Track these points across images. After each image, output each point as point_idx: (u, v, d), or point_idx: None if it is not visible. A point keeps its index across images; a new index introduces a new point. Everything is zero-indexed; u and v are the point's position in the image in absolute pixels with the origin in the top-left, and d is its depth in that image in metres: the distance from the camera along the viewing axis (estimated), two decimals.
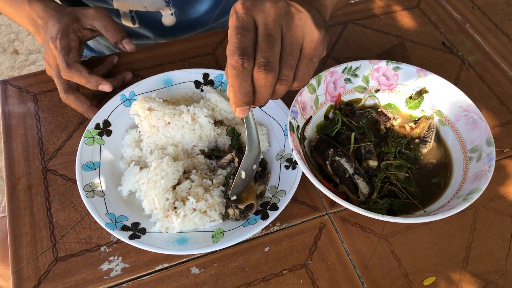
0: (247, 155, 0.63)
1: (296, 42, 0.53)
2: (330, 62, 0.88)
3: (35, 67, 2.20)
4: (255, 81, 0.52)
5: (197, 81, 0.80)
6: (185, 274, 0.64)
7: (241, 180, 0.65)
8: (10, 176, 0.72)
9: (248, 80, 0.52)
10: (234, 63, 0.50)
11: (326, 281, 0.63)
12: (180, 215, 0.64)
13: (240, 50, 0.50)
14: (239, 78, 0.51)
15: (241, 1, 0.52)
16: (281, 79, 0.53)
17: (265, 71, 0.51)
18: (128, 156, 0.72)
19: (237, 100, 0.53)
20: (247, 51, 0.51)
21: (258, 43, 0.51)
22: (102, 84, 0.74)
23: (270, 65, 0.51)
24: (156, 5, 0.94)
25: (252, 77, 0.52)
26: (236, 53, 0.50)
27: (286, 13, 0.52)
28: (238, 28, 0.51)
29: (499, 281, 0.64)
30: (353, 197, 0.66)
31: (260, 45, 0.51)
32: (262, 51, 0.51)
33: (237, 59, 0.50)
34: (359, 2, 1.00)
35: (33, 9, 0.80)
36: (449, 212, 0.58)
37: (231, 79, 0.52)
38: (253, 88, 0.53)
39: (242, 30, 0.51)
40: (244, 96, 0.53)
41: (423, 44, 0.93)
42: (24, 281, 0.62)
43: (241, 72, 0.51)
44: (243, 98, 0.53)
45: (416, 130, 0.74)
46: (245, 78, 0.51)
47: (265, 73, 0.51)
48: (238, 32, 0.51)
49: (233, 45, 0.51)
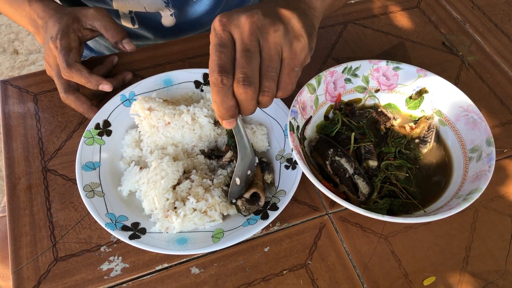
0: (239, 163, 0.65)
1: (274, 53, 0.53)
2: (330, 62, 0.88)
3: (35, 67, 2.20)
4: (236, 95, 0.53)
5: (197, 81, 0.80)
6: (185, 274, 0.64)
7: (236, 186, 0.66)
8: (10, 176, 0.72)
9: (229, 95, 0.53)
10: (214, 80, 0.52)
11: (326, 281, 0.63)
12: (180, 215, 0.64)
13: (219, 67, 0.52)
14: (220, 94, 0.53)
15: (218, 17, 0.54)
16: (263, 91, 0.54)
17: (243, 86, 0.52)
18: (128, 156, 0.72)
19: (221, 114, 0.55)
20: (225, 68, 0.52)
21: (236, 59, 0.53)
22: (103, 83, 0.74)
23: (249, 80, 0.52)
24: (156, 6, 0.94)
25: (233, 92, 0.53)
26: (215, 70, 0.52)
27: (262, 26, 0.53)
28: (217, 45, 0.53)
29: (499, 281, 0.64)
30: (353, 197, 0.66)
31: (238, 61, 0.53)
32: (239, 67, 0.52)
33: (216, 76, 0.52)
34: (359, 2, 1.00)
35: (33, 9, 0.80)
36: (449, 212, 0.58)
37: (213, 95, 0.54)
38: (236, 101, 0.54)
39: (220, 47, 0.52)
40: (228, 110, 0.54)
41: (423, 44, 0.93)
42: (24, 281, 0.62)
43: (221, 88, 0.52)
44: (227, 112, 0.54)
45: (416, 130, 0.74)
46: (226, 93, 0.53)
47: (244, 87, 0.52)
48: (217, 50, 0.53)
49: (212, 62, 0.53)
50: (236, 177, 0.66)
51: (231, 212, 0.67)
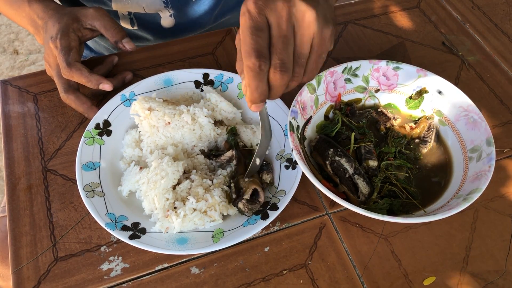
0: (261, 144, 0.68)
1: (307, 41, 0.54)
2: (330, 62, 0.88)
3: (35, 67, 2.20)
4: (271, 81, 0.54)
5: (197, 81, 0.80)
6: (185, 274, 0.64)
7: (255, 166, 0.69)
8: (10, 176, 0.72)
9: (264, 80, 0.53)
10: (251, 65, 0.52)
11: (326, 281, 0.63)
12: (180, 215, 0.64)
13: (256, 51, 0.51)
14: (256, 79, 0.53)
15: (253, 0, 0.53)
16: (293, 76, 0.55)
17: (281, 72, 0.52)
18: (128, 156, 0.72)
19: (254, 99, 0.55)
20: (263, 53, 0.52)
21: (273, 44, 0.53)
22: (103, 83, 0.74)
23: (286, 66, 0.53)
24: (155, 7, 0.94)
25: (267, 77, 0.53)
26: (252, 55, 0.51)
27: (297, 11, 0.52)
28: (252, 28, 0.52)
29: (499, 281, 0.64)
30: (353, 197, 0.66)
31: (275, 46, 0.52)
32: (277, 53, 0.52)
33: (254, 61, 0.51)
34: (359, 2, 1.00)
35: (33, 10, 0.80)
36: (449, 212, 0.58)
37: (249, 80, 0.53)
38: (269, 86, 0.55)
39: (257, 31, 0.52)
40: (261, 95, 0.54)
41: (423, 44, 0.93)
42: (24, 281, 0.62)
43: (258, 73, 0.52)
44: (260, 97, 0.55)
45: (416, 130, 0.74)
46: (262, 79, 0.53)
47: (281, 74, 0.52)
48: (253, 33, 0.52)
49: (248, 46, 0.52)
50: (257, 157, 0.68)
51: (231, 212, 0.67)
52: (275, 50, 0.52)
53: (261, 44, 0.52)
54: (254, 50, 0.51)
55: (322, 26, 0.54)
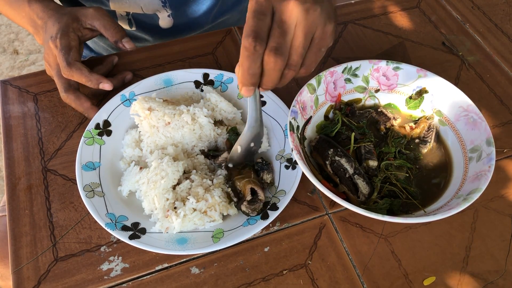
0: (244, 133, 0.66)
1: (309, 32, 0.55)
2: (330, 62, 0.88)
3: (35, 67, 2.20)
4: (264, 63, 0.55)
5: (197, 81, 0.80)
6: (185, 274, 0.64)
7: (236, 153, 0.68)
8: (10, 176, 0.72)
9: (257, 62, 0.54)
10: (247, 45, 0.53)
11: (326, 281, 0.63)
12: (180, 215, 0.64)
13: (254, 32, 0.53)
14: (249, 59, 0.54)
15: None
16: (290, 65, 0.56)
17: (275, 55, 0.53)
18: (128, 156, 0.72)
19: (245, 80, 0.56)
20: (260, 35, 0.53)
21: (272, 28, 0.54)
22: (103, 82, 0.74)
23: (281, 50, 0.53)
24: (153, 6, 0.94)
25: (262, 60, 0.54)
26: (250, 35, 0.53)
27: (303, 3, 0.54)
28: (256, 11, 0.53)
29: (499, 281, 0.64)
30: (353, 197, 0.66)
31: (273, 31, 0.54)
32: (275, 36, 0.53)
33: (250, 41, 0.53)
34: (359, 2, 1.00)
35: (33, 10, 0.80)
36: (449, 212, 0.58)
37: (242, 59, 0.54)
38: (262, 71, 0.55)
39: (259, 14, 0.53)
40: (252, 77, 0.55)
41: (423, 44, 0.93)
42: (24, 281, 0.62)
43: (252, 53, 0.53)
44: (251, 79, 0.55)
45: (416, 130, 0.74)
46: (255, 60, 0.54)
47: (275, 57, 0.53)
48: (255, 16, 0.53)
49: (248, 28, 0.53)
50: (238, 145, 0.67)
51: (231, 212, 0.67)
52: (273, 34, 0.54)
53: (260, 26, 0.53)
54: (253, 31, 0.53)
55: (325, 20, 0.56)
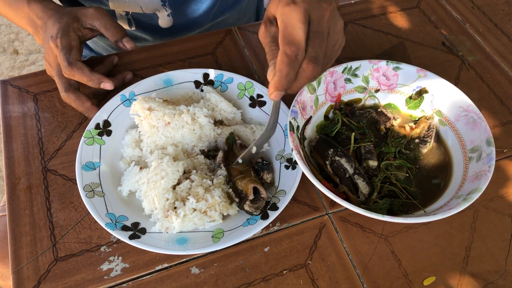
0: (263, 134, 0.67)
1: (336, 42, 0.60)
2: None
3: (35, 67, 2.20)
4: (301, 71, 0.57)
5: (197, 81, 0.80)
6: (185, 274, 0.64)
7: (250, 153, 0.69)
8: (10, 176, 0.72)
9: (296, 69, 0.56)
10: (290, 52, 0.55)
11: (326, 281, 0.63)
12: (180, 215, 0.64)
13: (296, 41, 0.55)
14: (289, 66, 0.55)
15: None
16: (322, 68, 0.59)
17: (314, 65, 0.56)
18: (128, 156, 0.72)
19: (280, 85, 0.57)
20: (301, 44, 0.55)
21: (311, 38, 0.56)
22: (104, 82, 0.74)
23: (319, 60, 0.56)
24: (152, 5, 0.94)
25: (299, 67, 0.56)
26: (292, 44, 0.55)
27: (334, 16, 0.58)
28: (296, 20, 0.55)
29: (499, 281, 0.64)
30: (353, 197, 0.66)
31: (313, 40, 0.56)
32: (314, 46, 0.56)
33: (293, 49, 0.54)
34: (359, 2, 1.00)
35: (32, 10, 0.79)
36: (449, 212, 0.58)
37: (281, 65, 0.55)
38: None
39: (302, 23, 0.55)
40: (288, 83, 0.57)
41: (423, 44, 0.93)
42: (24, 281, 0.62)
43: (293, 61, 0.55)
44: (286, 85, 0.57)
45: (416, 130, 0.74)
46: (294, 67, 0.56)
47: (314, 66, 0.56)
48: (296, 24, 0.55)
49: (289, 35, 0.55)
50: (254, 145, 0.68)
51: (231, 212, 0.67)
52: (312, 43, 0.56)
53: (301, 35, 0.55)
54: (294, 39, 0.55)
55: (343, 33, 0.61)
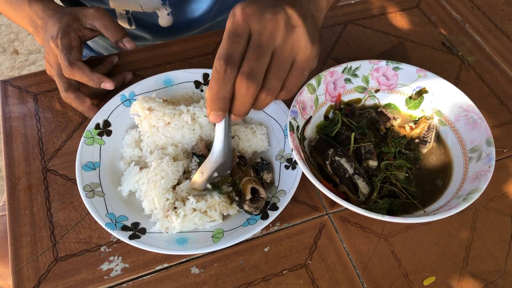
0: (208, 159, 0.64)
1: (290, 55, 0.53)
2: (330, 62, 0.88)
3: (35, 67, 2.20)
4: (236, 88, 0.52)
5: (197, 81, 0.80)
6: (185, 274, 0.64)
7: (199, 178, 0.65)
8: (10, 176, 0.72)
9: (228, 86, 0.52)
10: (218, 67, 0.51)
11: (326, 281, 0.63)
12: (180, 215, 0.64)
13: (227, 55, 0.50)
14: (219, 82, 0.51)
15: (242, 6, 0.52)
16: (267, 89, 0.53)
17: (247, 80, 0.51)
18: (128, 156, 0.72)
19: (213, 104, 0.53)
20: (233, 58, 0.51)
21: (247, 52, 0.51)
22: (105, 82, 0.74)
23: (254, 75, 0.51)
24: (152, 4, 0.94)
25: (233, 84, 0.52)
26: (222, 58, 0.50)
27: (285, 25, 0.52)
28: (231, 33, 0.51)
29: (499, 281, 0.64)
30: (353, 197, 0.66)
31: (248, 55, 0.51)
32: (249, 60, 0.51)
33: (221, 64, 0.50)
34: (359, 2, 1.00)
35: (33, 10, 0.80)
36: (449, 212, 0.58)
37: (212, 82, 0.52)
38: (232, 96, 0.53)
39: (234, 36, 0.51)
40: (221, 101, 0.53)
41: (423, 44, 0.93)
42: (24, 281, 0.62)
43: (222, 77, 0.51)
44: (219, 103, 0.53)
45: (416, 130, 0.74)
46: (225, 84, 0.51)
47: (247, 82, 0.51)
48: (230, 38, 0.51)
49: (221, 49, 0.51)
50: (200, 172, 0.65)
51: (231, 212, 0.67)
52: (247, 58, 0.51)
53: (234, 49, 0.51)
54: (225, 53, 0.51)
55: (310, 43, 0.53)
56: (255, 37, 0.51)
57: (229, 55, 0.51)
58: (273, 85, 0.53)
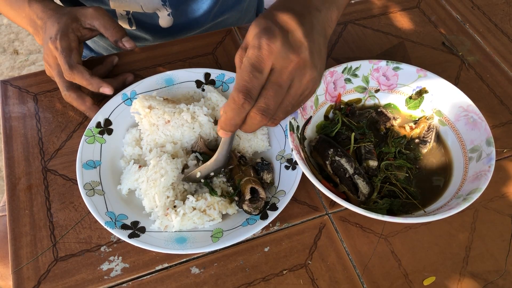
0: (209, 163, 0.67)
1: (301, 94, 0.57)
2: (330, 62, 0.88)
3: (35, 67, 2.20)
4: (248, 118, 0.55)
5: (198, 80, 0.80)
6: (185, 274, 0.64)
7: (194, 177, 0.68)
8: (10, 176, 0.72)
9: (242, 116, 0.55)
10: (236, 99, 0.53)
11: (326, 281, 0.63)
12: (180, 213, 0.64)
13: (246, 90, 0.52)
14: (235, 112, 0.54)
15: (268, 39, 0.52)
16: (274, 119, 0.57)
17: (261, 116, 0.54)
18: (129, 155, 0.72)
19: (225, 127, 0.57)
20: (251, 93, 0.53)
21: (266, 88, 0.54)
22: (103, 86, 0.74)
23: (268, 112, 0.54)
24: (153, 5, 0.94)
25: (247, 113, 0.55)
26: (242, 91, 0.52)
27: (303, 67, 0.54)
28: (254, 67, 0.52)
29: (499, 281, 0.64)
30: (353, 197, 0.66)
31: (267, 91, 0.54)
32: (266, 97, 0.54)
33: (240, 97, 0.53)
34: (359, 2, 1.00)
35: (32, 10, 0.79)
36: (449, 212, 0.58)
37: (228, 109, 0.54)
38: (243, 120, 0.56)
39: (256, 72, 0.52)
40: (232, 127, 0.56)
41: (423, 44, 0.93)
42: (24, 281, 0.62)
43: (238, 109, 0.53)
44: (231, 127, 0.57)
45: (416, 130, 0.74)
46: (240, 114, 0.54)
47: (261, 117, 0.54)
48: (251, 72, 0.52)
49: (242, 81, 0.53)
50: (199, 171, 0.68)
51: (230, 211, 0.67)
52: (265, 94, 0.54)
53: (254, 84, 0.53)
54: (245, 87, 0.52)
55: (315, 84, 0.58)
56: (276, 75, 0.53)
57: (248, 89, 0.53)
58: (280, 117, 0.58)
